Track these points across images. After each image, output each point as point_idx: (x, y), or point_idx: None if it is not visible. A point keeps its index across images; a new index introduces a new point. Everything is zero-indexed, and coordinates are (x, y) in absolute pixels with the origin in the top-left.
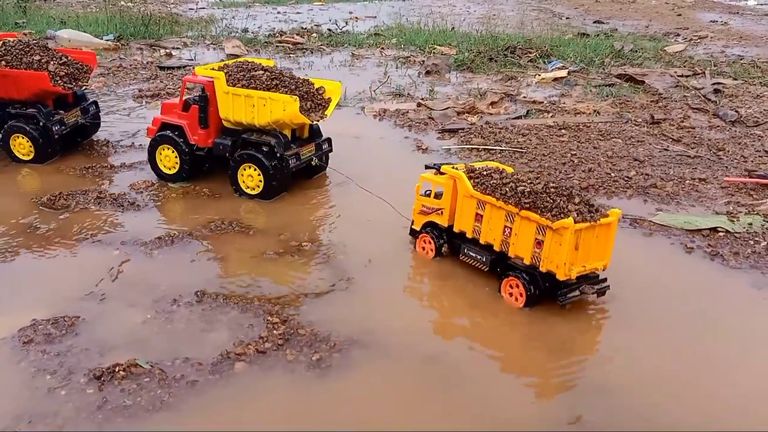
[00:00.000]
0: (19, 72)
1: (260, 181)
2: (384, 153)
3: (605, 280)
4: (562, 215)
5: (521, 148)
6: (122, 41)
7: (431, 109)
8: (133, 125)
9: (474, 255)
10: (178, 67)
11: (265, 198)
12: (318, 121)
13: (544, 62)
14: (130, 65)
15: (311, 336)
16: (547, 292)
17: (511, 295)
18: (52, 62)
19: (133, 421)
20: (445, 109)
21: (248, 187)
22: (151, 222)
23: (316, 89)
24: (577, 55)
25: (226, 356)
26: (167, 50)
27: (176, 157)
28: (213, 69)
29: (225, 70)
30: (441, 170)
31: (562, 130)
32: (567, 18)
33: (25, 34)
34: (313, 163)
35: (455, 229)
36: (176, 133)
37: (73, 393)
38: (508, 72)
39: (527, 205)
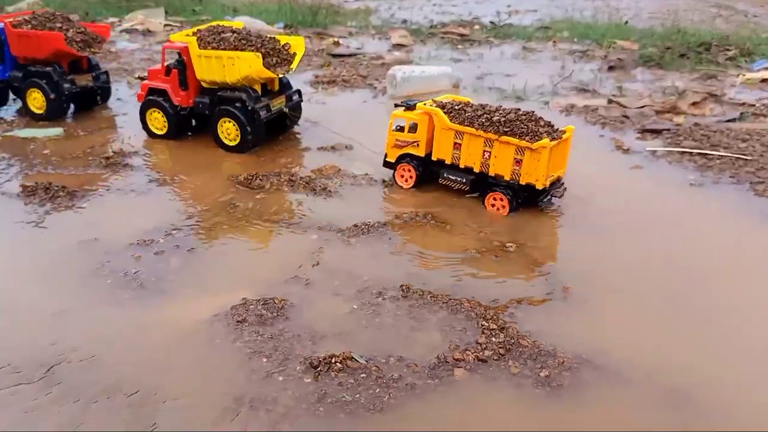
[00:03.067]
0: (40, 32)
1: (237, 133)
2: (580, 153)
3: (563, 183)
4: (536, 137)
5: (744, 155)
6: (291, 29)
7: (625, 106)
8: (313, 110)
9: (455, 178)
10: (348, 55)
11: (243, 150)
12: (283, 74)
13: (746, 61)
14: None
15: (534, 348)
16: (525, 201)
17: (493, 206)
18: (71, 30)
19: (354, 419)
20: (641, 107)
21: (229, 140)
22: (344, 209)
23: (282, 45)
24: None
25: (444, 360)
26: (335, 39)
27: (164, 118)
28: (187, 35)
29: (197, 35)
30: (414, 106)
31: None
32: (755, 16)
33: (203, 20)
34: (287, 114)
35: (434, 158)
36: (161, 96)
37: (291, 380)
38: (705, 70)
39: (506, 131)
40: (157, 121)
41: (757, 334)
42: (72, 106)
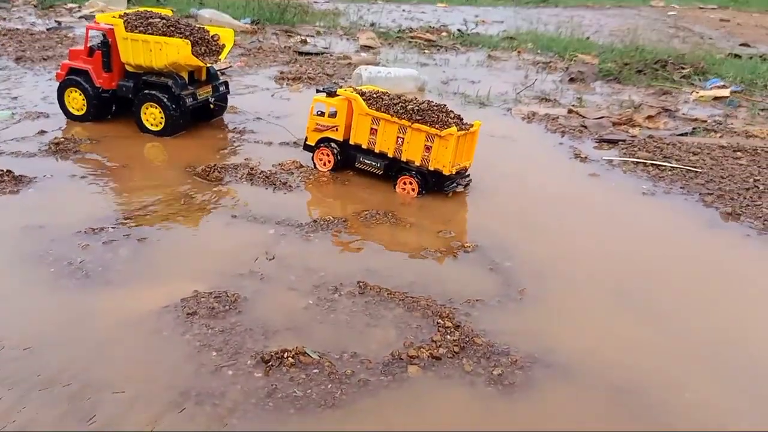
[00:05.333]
0: None
1: (161, 118)
2: (540, 159)
3: (469, 175)
4: (446, 126)
5: (695, 168)
6: (258, 25)
7: (584, 117)
8: (276, 105)
9: (370, 162)
10: (315, 54)
11: (166, 134)
12: (211, 64)
13: (700, 80)
14: (269, 48)
15: (488, 347)
16: (432, 186)
17: (404, 189)
18: None
19: (304, 414)
20: (599, 118)
21: (151, 124)
22: (304, 204)
23: (211, 36)
24: (736, 75)
25: (398, 357)
26: (302, 37)
27: (83, 99)
28: (113, 17)
29: (124, 18)
30: (335, 93)
31: (738, 152)
32: (710, 39)
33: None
34: (211, 105)
35: (351, 142)
36: (82, 77)
37: (240, 375)
38: (661, 86)
39: (418, 119)
40: (76, 102)
41: (704, 332)
42: None
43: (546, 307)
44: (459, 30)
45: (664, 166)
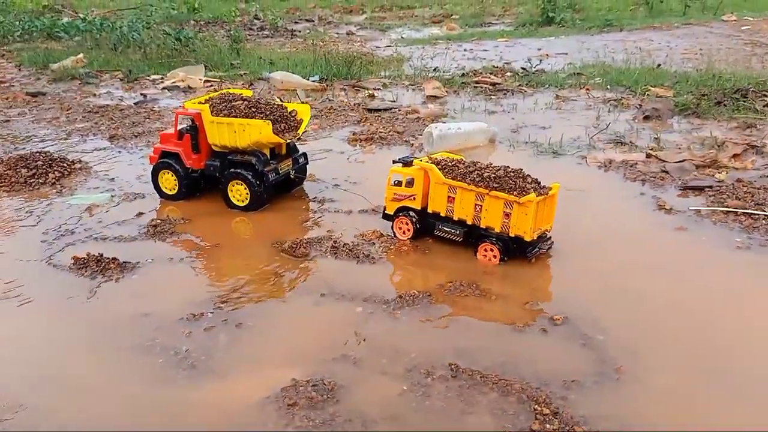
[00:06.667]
0: None
1: (247, 194)
2: (622, 214)
3: (551, 237)
4: (524, 192)
5: None
6: (326, 82)
7: (664, 161)
8: (353, 170)
9: (449, 230)
10: (384, 110)
11: (251, 209)
12: (291, 140)
13: None
14: (339, 106)
15: None
16: (514, 252)
17: (485, 256)
18: None
19: None
20: (680, 161)
21: (237, 200)
22: (387, 277)
23: (289, 112)
24: None
25: None
26: (369, 91)
27: (175, 180)
28: (199, 102)
29: (209, 103)
30: (411, 163)
31: None
32: None
33: (241, 75)
34: (292, 177)
35: (429, 210)
36: (174, 159)
37: None
38: (744, 118)
39: (495, 187)
40: (168, 182)
41: None
42: None
43: (644, 386)
44: (523, 68)
45: (758, 214)
